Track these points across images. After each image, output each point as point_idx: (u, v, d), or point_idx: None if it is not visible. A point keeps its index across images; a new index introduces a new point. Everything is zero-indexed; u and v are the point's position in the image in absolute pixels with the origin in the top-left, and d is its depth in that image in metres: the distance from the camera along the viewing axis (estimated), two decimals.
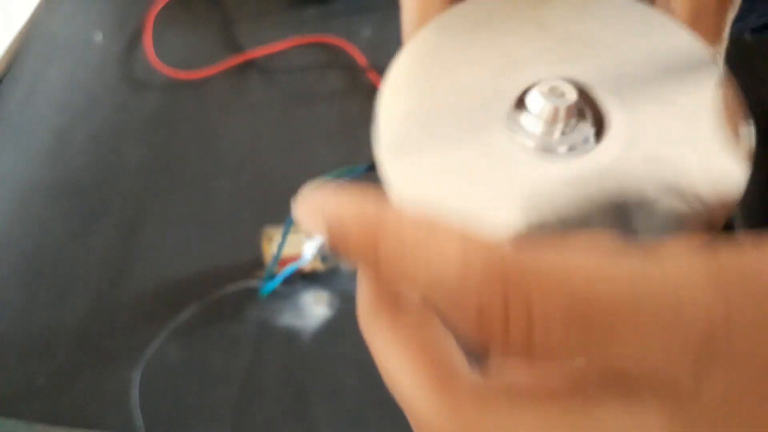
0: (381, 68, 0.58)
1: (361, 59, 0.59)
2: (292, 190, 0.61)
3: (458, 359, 0.17)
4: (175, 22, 0.63)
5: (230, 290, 0.47)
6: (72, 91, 0.59)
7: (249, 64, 0.60)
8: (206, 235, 0.51)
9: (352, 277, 0.19)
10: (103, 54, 0.62)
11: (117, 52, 0.62)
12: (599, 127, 0.22)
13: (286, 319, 0.47)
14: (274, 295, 0.47)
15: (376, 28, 0.61)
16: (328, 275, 0.48)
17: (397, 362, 0.18)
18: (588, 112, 0.22)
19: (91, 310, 0.48)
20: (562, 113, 0.21)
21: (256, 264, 0.47)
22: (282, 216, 0.50)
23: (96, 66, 0.61)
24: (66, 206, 0.53)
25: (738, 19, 0.29)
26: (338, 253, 0.17)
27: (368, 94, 0.58)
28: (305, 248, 0.46)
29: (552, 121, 0.21)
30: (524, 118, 0.22)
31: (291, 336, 0.46)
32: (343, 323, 0.47)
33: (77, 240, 0.51)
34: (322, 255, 0.47)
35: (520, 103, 0.22)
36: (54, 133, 0.57)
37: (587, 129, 0.22)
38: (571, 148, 0.21)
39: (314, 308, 0.47)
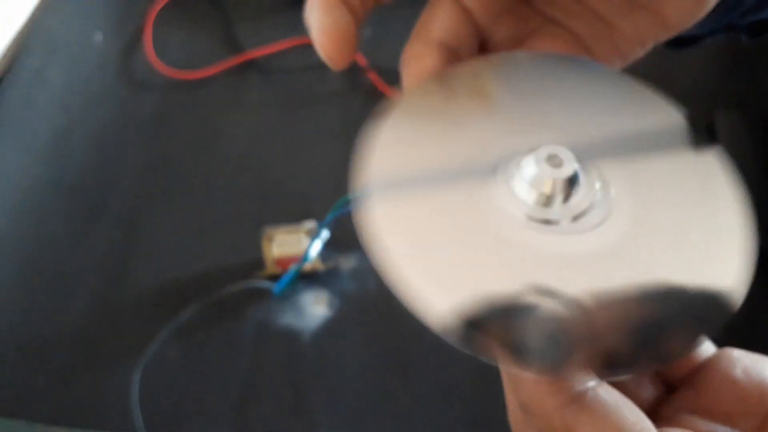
0: (381, 68, 0.58)
1: (361, 59, 0.59)
2: (292, 190, 0.62)
3: None
4: (175, 22, 0.63)
5: (230, 290, 0.47)
6: (72, 91, 0.59)
7: (249, 64, 0.60)
8: (206, 235, 0.51)
9: (352, 277, 0.19)
10: (103, 54, 0.62)
11: (117, 52, 0.62)
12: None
13: (286, 319, 0.47)
14: (274, 295, 0.47)
15: (376, 28, 0.61)
16: (328, 275, 0.48)
17: None
18: (588, 180, 0.21)
19: (91, 310, 0.48)
20: (559, 185, 0.20)
21: (256, 264, 0.47)
22: (282, 216, 0.50)
23: (96, 66, 0.61)
24: (66, 206, 0.53)
25: (729, 16, 0.29)
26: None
27: (368, 94, 0.58)
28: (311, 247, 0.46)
29: (549, 194, 0.20)
30: (518, 187, 0.21)
31: (291, 336, 0.46)
32: (343, 323, 0.47)
33: (77, 240, 0.51)
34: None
35: (514, 169, 0.21)
36: (54, 133, 0.57)
37: (589, 200, 0.21)
38: (575, 219, 0.20)
39: (314, 308, 0.47)
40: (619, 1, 0.24)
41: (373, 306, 0.47)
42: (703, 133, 0.22)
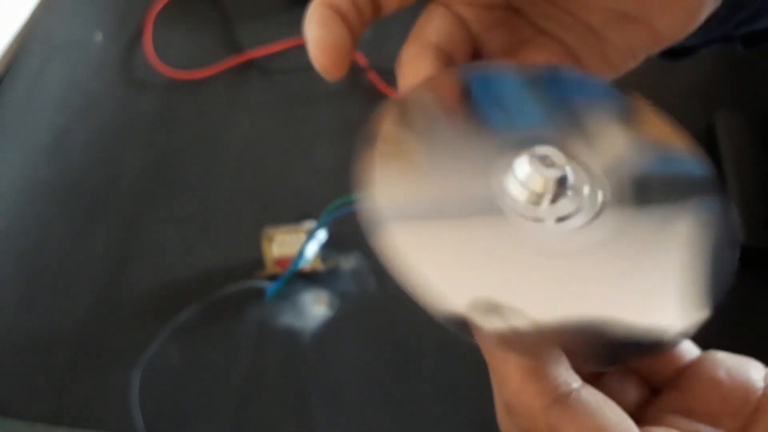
0: (381, 68, 0.58)
1: (361, 59, 0.59)
2: (292, 190, 0.61)
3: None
4: (175, 22, 0.63)
5: (230, 290, 0.47)
6: (72, 91, 0.59)
7: (249, 64, 0.60)
8: (206, 235, 0.51)
9: (352, 277, 0.19)
10: (103, 54, 0.62)
11: (117, 52, 0.62)
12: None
13: (286, 319, 0.47)
14: (275, 294, 0.47)
15: (376, 28, 0.61)
16: (328, 275, 0.48)
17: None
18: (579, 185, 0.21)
19: (91, 310, 0.48)
20: (550, 185, 0.21)
21: (256, 264, 0.47)
22: (282, 216, 0.50)
23: (96, 66, 0.61)
24: (66, 206, 0.53)
25: (722, 28, 0.29)
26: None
27: (368, 94, 0.58)
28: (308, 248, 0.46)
29: (540, 192, 0.21)
30: (511, 185, 0.21)
31: (291, 336, 0.46)
32: (343, 323, 0.47)
33: (77, 240, 0.51)
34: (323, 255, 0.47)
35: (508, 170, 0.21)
36: (54, 133, 0.57)
37: (577, 203, 0.21)
38: (560, 219, 0.21)
39: (314, 308, 0.47)
40: (610, 14, 0.24)
41: (373, 306, 0.47)
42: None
